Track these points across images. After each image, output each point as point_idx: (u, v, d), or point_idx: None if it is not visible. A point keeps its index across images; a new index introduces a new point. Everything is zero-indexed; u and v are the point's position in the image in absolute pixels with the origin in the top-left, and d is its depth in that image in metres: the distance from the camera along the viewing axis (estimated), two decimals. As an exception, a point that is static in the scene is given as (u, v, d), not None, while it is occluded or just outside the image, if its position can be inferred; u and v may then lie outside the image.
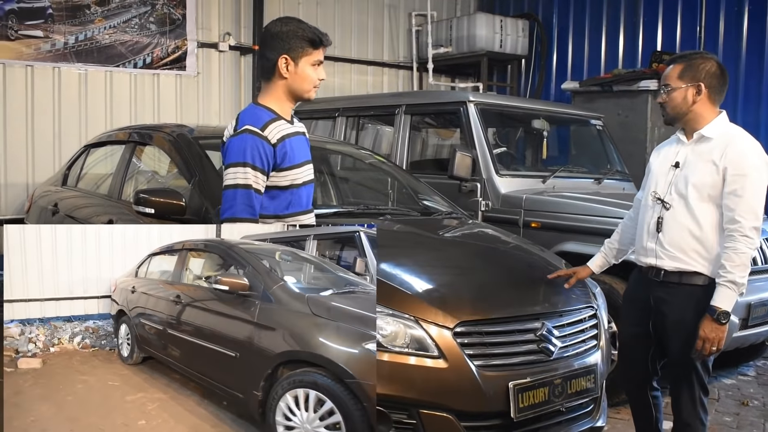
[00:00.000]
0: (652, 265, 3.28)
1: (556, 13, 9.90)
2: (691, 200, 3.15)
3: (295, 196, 2.96)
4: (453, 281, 3.54)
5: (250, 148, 2.80)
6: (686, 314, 3.18)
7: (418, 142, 7.35)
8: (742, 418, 4.91)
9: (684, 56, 3.29)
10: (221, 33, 8.70)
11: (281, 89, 2.94)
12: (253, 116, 2.88)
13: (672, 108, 3.23)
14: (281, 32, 2.89)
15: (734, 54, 7.96)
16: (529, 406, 3.11)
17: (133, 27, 7.99)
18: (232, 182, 2.81)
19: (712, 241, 3.14)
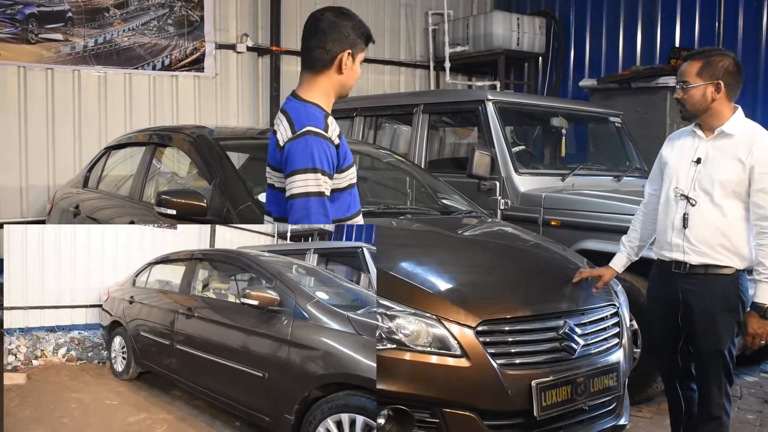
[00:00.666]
0: (678, 260, 3.30)
1: (573, 10, 9.86)
2: (716, 196, 3.19)
3: (353, 196, 2.77)
4: (474, 280, 3.55)
5: (317, 151, 2.55)
6: (714, 304, 3.23)
7: (436, 141, 7.35)
8: (765, 415, 4.88)
9: (701, 53, 3.30)
10: (239, 34, 8.73)
11: (332, 84, 2.73)
12: (309, 115, 2.63)
13: (691, 105, 3.25)
14: (345, 25, 2.70)
15: (754, 49, 7.90)
16: (551, 404, 3.11)
17: (151, 29, 8.04)
18: (303, 190, 2.53)
19: (737, 235, 3.19)
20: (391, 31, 10.13)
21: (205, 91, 8.48)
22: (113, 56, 7.81)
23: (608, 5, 9.42)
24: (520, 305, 3.28)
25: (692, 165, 3.30)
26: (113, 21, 7.79)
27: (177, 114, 8.23)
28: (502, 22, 9.63)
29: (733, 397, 5.03)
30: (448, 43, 9.90)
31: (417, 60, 10.45)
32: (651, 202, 3.58)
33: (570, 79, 9.88)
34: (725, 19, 8.16)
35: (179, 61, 8.23)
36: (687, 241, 3.27)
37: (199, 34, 8.36)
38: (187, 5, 8.25)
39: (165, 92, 8.18)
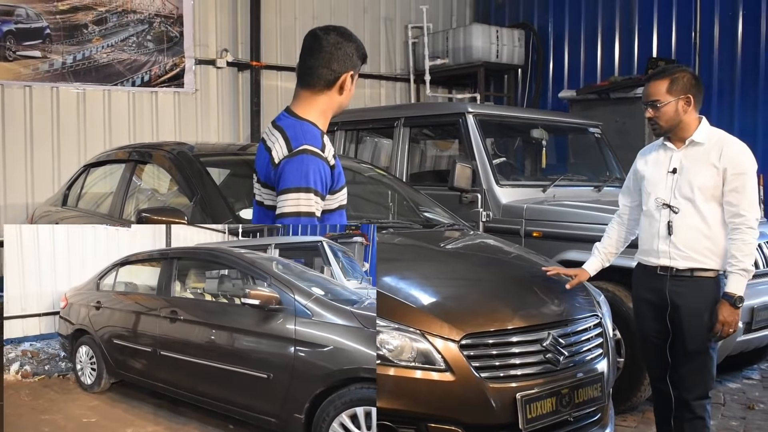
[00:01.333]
0: (665, 266, 3.45)
1: (551, 22, 9.93)
2: (698, 202, 3.36)
3: (342, 217, 2.73)
4: (457, 293, 3.55)
5: (313, 171, 2.50)
6: (701, 303, 3.39)
7: (417, 154, 7.36)
8: (748, 422, 4.90)
9: (664, 71, 3.50)
10: (219, 49, 8.73)
11: (330, 104, 2.70)
12: (306, 133, 2.57)
13: (666, 121, 3.43)
14: (349, 46, 2.69)
15: (730, 59, 7.99)
16: (537, 417, 3.11)
17: (130, 45, 8.02)
18: (294, 209, 2.48)
19: (719, 237, 3.38)
20: (371, 44, 10.15)
21: (185, 107, 8.46)
22: (92, 73, 7.77)
23: (586, 17, 9.49)
24: (503, 318, 3.27)
25: (669, 175, 3.46)
26: (92, 37, 7.77)
27: (157, 130, 8.20)
28: (481, 34, 9.68)
29: (716, 404, 5.08)
30: (428, 56, 9.94)
31: (397, 73, 10.48)
32: (625, 213, 3.77)
33: (549, 91, 9.94)
34: (701, 30, 8.25)
35: (159, 77, 8.21)
36: (674, 247, 3.41)
37: (179, 50, 8.35)
38: (166, 21, 8.24)
39: (144, 109, 8.15)
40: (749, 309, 4.85)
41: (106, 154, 5.97)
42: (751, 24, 7.83)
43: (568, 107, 8.83)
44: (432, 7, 10.38)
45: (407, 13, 10.50)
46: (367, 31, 10.10)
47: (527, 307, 3.45)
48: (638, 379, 4.67)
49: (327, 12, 9.64)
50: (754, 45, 7.81)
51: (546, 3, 9.98)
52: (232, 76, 8.89)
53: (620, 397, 4.62)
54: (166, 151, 4.78)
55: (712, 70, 8.13)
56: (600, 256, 3.77)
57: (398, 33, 10.46)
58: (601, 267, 3.79)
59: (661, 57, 8.45)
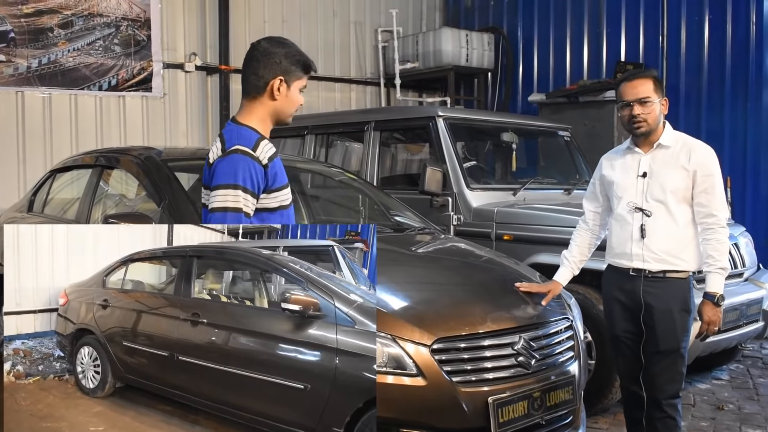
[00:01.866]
0: (638, 268, 3.46)
1: (520, 26, 9.98)
2: (671, 204, 3.40)
3: (285, 217, 2.84)
4: (428, 297, 3.53)
5: (242, 169, 2.64)
6: (673, 304, 3.42)
7: (387, 158, 7.35)
8: (718, 422, 4.94)
9: (645, 72, 3.53)
10: (187, 53, 8.65)
11: (267, 110, 2.81)
12: (241, 136, 2.72)
13: (653, 120, 3.45)
14: (279, 53, 2.77)
15: (697, 62, 8.08)
16: (509, 420, 3.10)
17: (97, 49, 7.92)
18: (221, 205, 2.63)
19: (690, 238, 3.43)
20: (341, 48, 10.14)
21: (153, 111, 8.37)
22: (58, 77, 7.67)
23: (555, 21, 9.55)
24: (475, 322, 3.27)
25: (639, 179, 3.48)
26: (57, 41, 7.66)
27: (124, 135, 8.11)
28: (451, 38, 9.70)
29: (686, 405, 5.12)
30: (398, 60, 9.94)
31: (367, 77, 10.47)
32: (591, 219, 3.78)
33: (519, 94, 9.98)
34: (669, 34, 8.33)
35: (126, 81, 8.12)
36: (647, 250, 3.43)
37: (147, 54, 8.27)
38: (133, 24, 8.16)
39: (112, 113, 8.05)
40: (718, 310, 4.89)
41: (72, 159, 5.88)
42: (717, 28, 7.92)
43: (537, 111, 8.88)
44: (402, 11, 10.39)
45: (377, 17, 10.50)
46: (337, 34, 10.08)
47: (498, 311, 3.45)
48: (609, 381, 4.69)
49: (296, 16, 9.60)
50: (720, 49, 7.90)
51: (515, 7, 10.03)
52: (201, 80, 8.82)
53: (591, 399, 4.64)
54: (134, 155, 4.72)
55: (679, 73, 8.21)
56: (570, 265, 3.78)
57: (368, 37, 10.45)
58: (572, 276, 3.81)
59: (629, 61, 8.53)
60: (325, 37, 9.91)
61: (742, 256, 5.54)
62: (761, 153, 7.57)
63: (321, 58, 9.85)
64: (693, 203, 3.40)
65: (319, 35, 9.85)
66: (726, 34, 7.85)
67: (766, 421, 4.98)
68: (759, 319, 5.45)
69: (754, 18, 7.63)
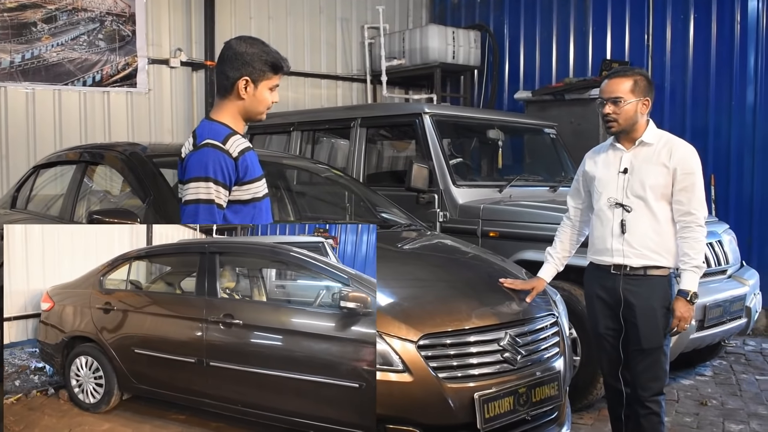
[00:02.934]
0: (618, 264, 3.49)
1: (507, 24, 9.99)
2: (650, 200, 3.43)
3: (257, 209, 2.91)
4: (415, 294, 3.53)
5: (212, 162, 2.73)
6: (654, 301, 3.45)
7: (374, 154, 7.35)
8: (701, 418, 4.98)
9: (625, 71, 3.56)
10: (172, 49, 8.60)
11: (236, 108, 2.90)
12: (211, 131, 2.82)
13: (625, 120, 3.48)
14: (246, 53, 2.84)
15: (682, 60, 8.11)
16: (494, 416, 3.11)
17: (81, 44, 7.86)
18: (193, 197, 2.73)
19: (670, 235, 3.46)
20: (327, 44, 10.12)
21: (138, 107, 8.31)
22: (41, 72, 7.61)
23: (541, 19, 9.57)
24: (461, 318, 3.28)
25: (620, 175, 3.52)
26: (41, 36, 7.60)
27: (109, 131, 8.05)
28: (437, 35, 9.69)
29: (670, 401, 5.15)
30: (385, 57, 9.92)
31: (354, 74, 10.45)
32: (574, 215, 3.83)
33: (505, 92, 9.99)
34: (654, 32, 8.37)
35: (111, 76, 8.06)
36: (627, 245, 3.46)
37: (131, 49, 8.21)
38: (118, 19, 8.10)
39: (96, 109, 7.99)
40: (702, 307, 4.94)
41: (56, 155, 5.84)
42: (702, 27, 7.96)
43: (523, 108, 8.89)
44: (388, 8, 10.38)
45: (363, 14, 10.48)
46: (324, 31, 10.06)
47: (484, 307, 3.46)
48: (594, 377, 4.71)
49: (282, 12, 9.57)
50: (705, 47, 7.94)
51: (501, 5, 10.04)
52: (186, 76, 8.77)
53: (577, 395, 4.67)
54: (119, 151, 4.70)
55: (664, 71, 8.25)
56: (554, 261, 3.83)
57: (354, 33, 10.43)
58: (556, 272, 3.85)
59: (615, 59, 8.55)
60: (312, 34, 9.89)
61: (726, 254, 5.59)
62: (745, 151, 7.62)
63: (307, 55, 9.83)
64: (672, 200, 3.44)
65: (306, 31, 9.82)
66: (711, 33, 7.89)
67: (749, 416, 5.02)
68: (742, 315, 5.49)
69: (739, 17, 7.68)
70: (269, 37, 9.30)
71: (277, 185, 5.35)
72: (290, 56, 9.29)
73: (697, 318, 4.93)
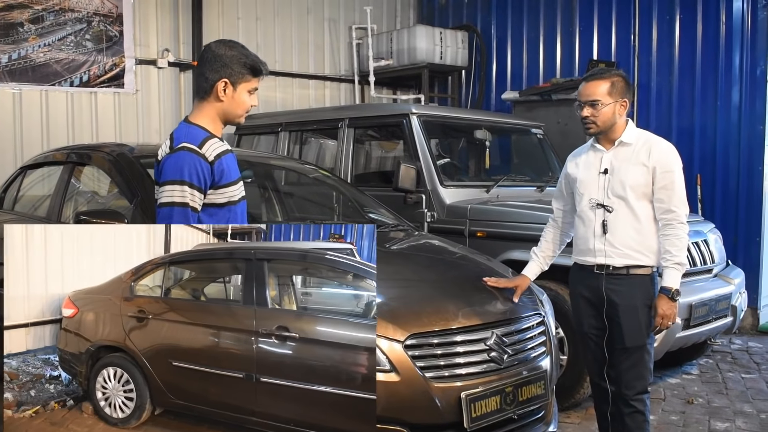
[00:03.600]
0: (601, 264, 3.51)
1: (494, 24, 10.02)
2: (631, 200, 3.45)
3: (233, 213, 2.94)
4: (402, 294, 3.55)
5: (188, 165, 2.77)
6: (637, 300, 3.48)
7: (361, 155, 7.35)
8: (688, 416, 5.01)
9: (602, 73, 3.56)
10: (160, 49, 8.58)
11: (215, 111, 2.93)
12: (188, 134, 2.86)
13: (603, 122, 3.50)
14: (225, 56, 2.88)
15: (667, 60, 8.15)
16: (481, 415, 3.13)
17: (68, 45, 7.84)
18: (168, 200, 2.78)
19: (651, 233, 3.48)
20: (315, 45, 10.11)
21: (126, 107, 8.29)
22: (28, 72, 7.58)
23: (528, 19, 9.59)
24: (448, 317, 3.29)
25: (601, 176, 3.55)
26: (28, 36, 7.57)
27: (96, 132, 8.02)
28: (425, 36, 9.71)
29: (656, 399, 5.18)
30: (372, 57, 9.93)
31: (342, 74, 10.45)
32: (559, 217, 3.86)
33: (493, 92, 10.00)
34: (640, 33, 8.40)
35: (98, 77, 8.04)
36: (609, 245, 3.49)
37: (119, 50, 8.19)
38: (105, 20, 8.08)
39: (84, 109, 7.97)
40: (687, 306, 4.97)
41: (43, 155, 5.83)
42: (687, 27, 8.00)
43: (511, 108, 8.92)
44: (376, 9, 10.38)
45: (351, 15, 10.48)
46: (311, 32, 10.05)
47: (471, 307, 3.48)
48: (581, 376, 4.74)
49: (270, 13, 9.56)
50: (690, 47, 7.98)
51: (489, 5, 10.06)
52: (174, 77, 8.75)
53: (564, 394, 4.70)
54: (106, 152, 4.69)
55: (650, 71, 8.28)
56: (538, 260, 3.85)
57: (342, 34, 10.43)
58: (541, 271, 3.87)
59: (601, 59, 8.59)
60: (300, 35, 9.89)
61: (712, 253, 5.62)
62: (730, 151, 7.65)
63: (295, 55, 9.83)
64: (653, 199, 3.46)
65: (294, 32, 9.82)
66: (696, 33, 7.93)
67: (735, 414, 5.06)
68: (728, 314, 5.53)
69: (724, 18, 7.72)
70: (257, 38, 9.31)
71: (265, 186, 5.36)
72: (278, 57, 9.45)
73: (683, 317, 4.96)
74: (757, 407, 5.21)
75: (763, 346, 6.95)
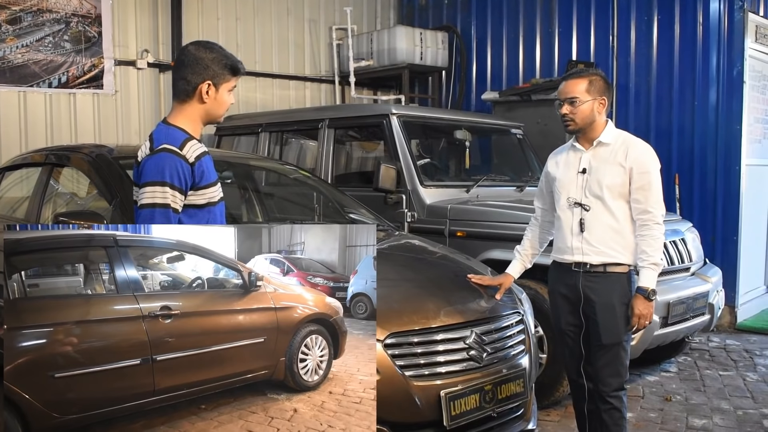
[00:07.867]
0: (579, 262, 3.55)
1: (474, 25, 10.05)
2: (608, 200, 3.49)
3: (212, 214, 2.96)
4: (382, 293, 3.56)
5: (169, 166, 2.78)
6: (613, 298, 3.51)
7: (342, 155, 7.36)
8: (666, 413, 5.06)
9: (581, 72, 3.62)
10: (139, 50, 8.54)
11: (197, 112, 2.95)
12: (168, 135, 2.87)
13: (581, 119, 3.55)
14: (206, 58, 2.89)
15: (646, 61, 8.21)
16: (461, 413, 3.15)
17: (46, 46, 7.78)
18: (149, 201, 2.78)
19: (628, 232, 3.52)
20: (295, 45, 10.10)
21: (105, 108, 8.24)
22: (6, 74, 7.52)
23: (508, 20, 9.63)
24: (427, 316, 3.31)
25: (579, 175, 3.59)
26: (5, 37, 7.51)
27: (75, 133, 7.97)
28: (405, 36, 9.73)
29: (635, 397, 5.23)
30: (353, 58, 9.94)
31: (322, 75, 10.45)
32: (541, 216, 3.90)
33: (473, 92, 10.04)
34: (619, 33, 8.46)
35: (77, 78, 7.99)
36: (586, 243, 3.53)
37: (98, 50, 8.14)
38: (83, 21, 8.03)
39: (62, 110, 7.91)
40: (665, 304, 5.02)
41: (21, 157, 5.78)
42: (665, 28, 8.06)
43: (491, 109, 8.95)
44: (356, 9, 10.39)
45: (331, 15, 10.48)
46: (292, 32, 10.04)
47: (451, 306, 3.50)
48: (560, 374, 4.77)
49: (250, 13, 9.54)
50: (668, 48, 8.04)
51: (469, 6, 10.10)
52: (154, 78, 8.71)
53: (543, 392, 4.73)
54: (85, 153, 4.66)
55: (629, 72, 8.34)
56: (521, 258, 3.90)
57: (322, 34, 10.43)
58: (524, 269, 3.91)
59: (580, 60, 8.64)
60: (280, 35, 9.87)
61: (689, 251, 5.67)
62: (708, 150, 7.72)
63: (275, 56, 9.82)
64: (630, 199, 3.50)
65: (274, 33, 9.80)
66: (674, 34, 8.00)
67: (712, 411, 5.11)
68: (705, 312, 5.58)
69: (701, 19, 7.78)
70: (237, 39, 9.29)
71: (245, 186, 5.35)
72: (258, 57, 9.43)
73: (661, 315, 5.01)
74: (734, 404, 5.27)
75: (740, 343, 7.02)
